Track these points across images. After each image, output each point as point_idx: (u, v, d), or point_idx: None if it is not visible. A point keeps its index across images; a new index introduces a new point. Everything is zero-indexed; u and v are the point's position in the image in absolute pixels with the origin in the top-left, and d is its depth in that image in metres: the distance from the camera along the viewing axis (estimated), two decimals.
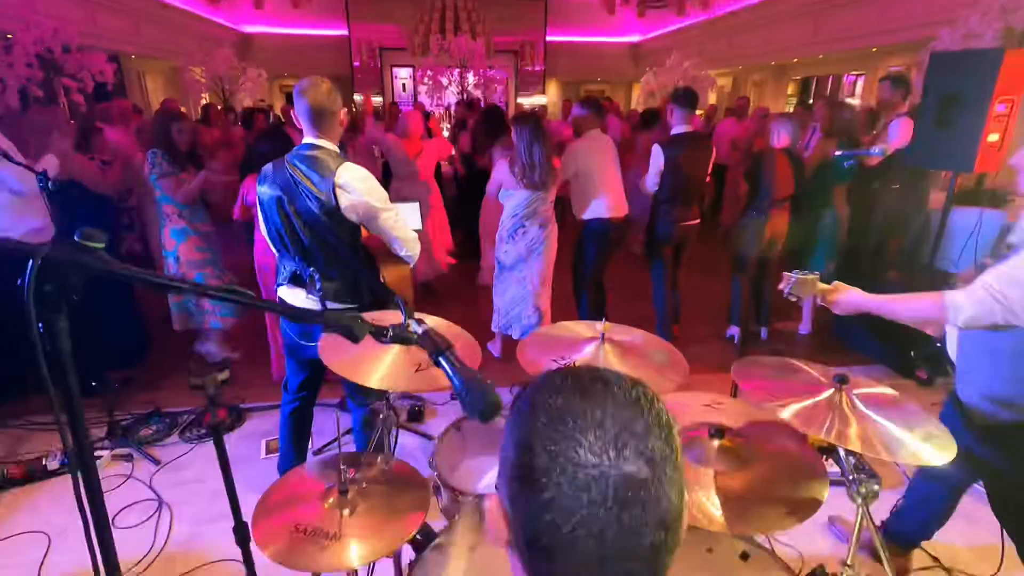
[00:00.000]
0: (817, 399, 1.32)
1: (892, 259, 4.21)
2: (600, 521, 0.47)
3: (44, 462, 2.65)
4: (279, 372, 3.33)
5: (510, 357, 3.80)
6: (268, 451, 2.84)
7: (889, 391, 1.44)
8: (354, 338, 0.80)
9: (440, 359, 0.77)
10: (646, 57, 14.78)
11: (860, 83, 10.29)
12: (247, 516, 1.28)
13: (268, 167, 2.07)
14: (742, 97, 7.92)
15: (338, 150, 2.05)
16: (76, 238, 0.57)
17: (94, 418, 3.02)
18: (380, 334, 0.82)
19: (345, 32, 14.42)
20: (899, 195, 4.35)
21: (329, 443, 2.87)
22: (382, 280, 2.15)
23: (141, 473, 2.68)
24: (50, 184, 2.52)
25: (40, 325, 0.56)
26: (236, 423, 3.10)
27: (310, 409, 2.42)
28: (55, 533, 2.32)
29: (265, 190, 2.05)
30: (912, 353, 3.62)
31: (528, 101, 14.86)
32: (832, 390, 1.35)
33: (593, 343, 1.55)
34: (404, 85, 15.24)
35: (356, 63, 14.68)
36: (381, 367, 1.45)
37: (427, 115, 7.93)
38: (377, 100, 14.76)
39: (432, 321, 1.66)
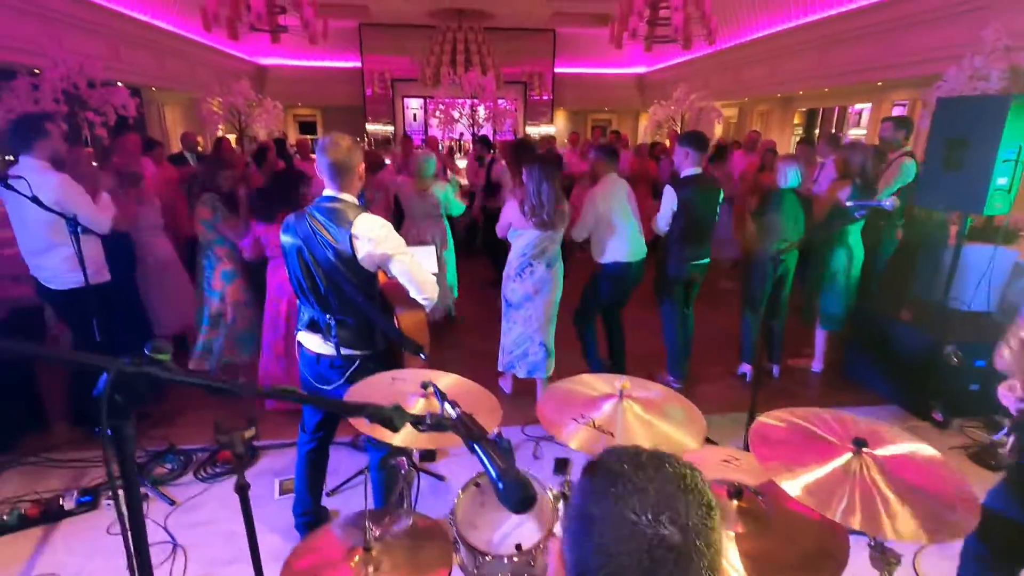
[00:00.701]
0: (833, 466, 1.32)
1: (904, 298, 4.21)
2: (634, 571, 0.58)
3: (61, 501, 2.67)
4: (264, 372, 3.44)
5: (522, 394, 3.84)
6: (282, 491, 2.85)
7: (916, 449, 1.41)
8: (394, 428, 0.83)
9: (476, 448, 0.80)
10: (652, 88, 15.03)
11: (866, 114, 10.41)
12: (265, 565, 1.29)
13: (291, 217, 2.14)
14: (753, 131, 8.02)
15: (356, 202, 2.12)
16: (146, 351, 0.61)
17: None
18: (418, 423, 0.85)
19: (358, 64, 14.79)
20: (908, 233, 4.38)
21: (343, 484, 2.88)
22: (397, 326, 2.20)
23: (156, 513, 2.69)
24: (79, 228, 2.60)
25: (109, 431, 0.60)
26: (250, 461, 3.11)
27: (326, 450, 2.44)
28: (70, 575, 2.33)
29: (287, 239, 2.12)
30: (927, 392, 3.59)
31: (537, 131, 15.09)
32: (850, 455, 1.35)
33: (612, 400, 1.57)
34: (415, 115, 15.53)
35: (368, 92, 15.02)
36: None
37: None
38: (388, 129, 15.07)
39: (449, 380, 1.70)
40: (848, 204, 3.40)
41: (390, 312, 2.20)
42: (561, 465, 2.93)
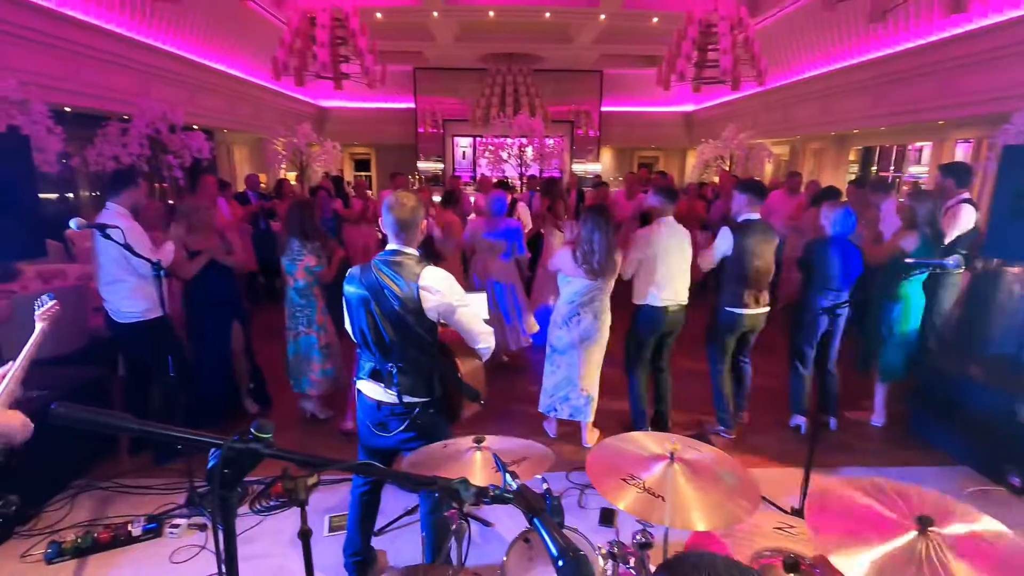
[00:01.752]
0: (896, 545, 1.27)
1: (972, 351, 3.99)
2: None
3: (129, 528, 2.83)
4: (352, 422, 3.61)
5: (566, 437, 3.83)
6: (331, 528, 2.92)
7: (991, 527, 1.34)
8: (461, 501, 0.88)
9: (536, 522, 0.84)
10: (700, 125, 15.03)
11: (927, 152, 10.05)
12: None
13: (356, 269, 2.26)
14: (795, 173, 7.86)
15: (418, 254, 2.23)
16: (252, 429, 0.70)
17: (175, 483, 3.23)
18: (483, 495, 0.90)
19: (412, 104, 15.49)
20: (974, 283, 4.18)
21: (390, 524, 2.93)
22: (458, 374, 2.27)
23: (213, 543, 2.80)
24: (162, 272, 2.83)
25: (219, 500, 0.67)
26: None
27: (379, 493, 2.50)
28: None
29: (352, 290, 2.23)
30: (1002, 454, 3.36)
31: (583, 168, 15.28)
32: (915, 533, 1.30)
33: (663, 462, 1.58)
34: (464, 153, 16.04)
35: (420, 131, 15.67)
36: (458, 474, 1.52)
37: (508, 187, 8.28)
38: (438, 166, 15.61)
39: (497, 440, 1.74)
40: (908, 260, 3.29)
41: (450, 359, 2.27)
42: (607, 517, 2.90)
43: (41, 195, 4.57)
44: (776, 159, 12.41)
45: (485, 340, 2.22)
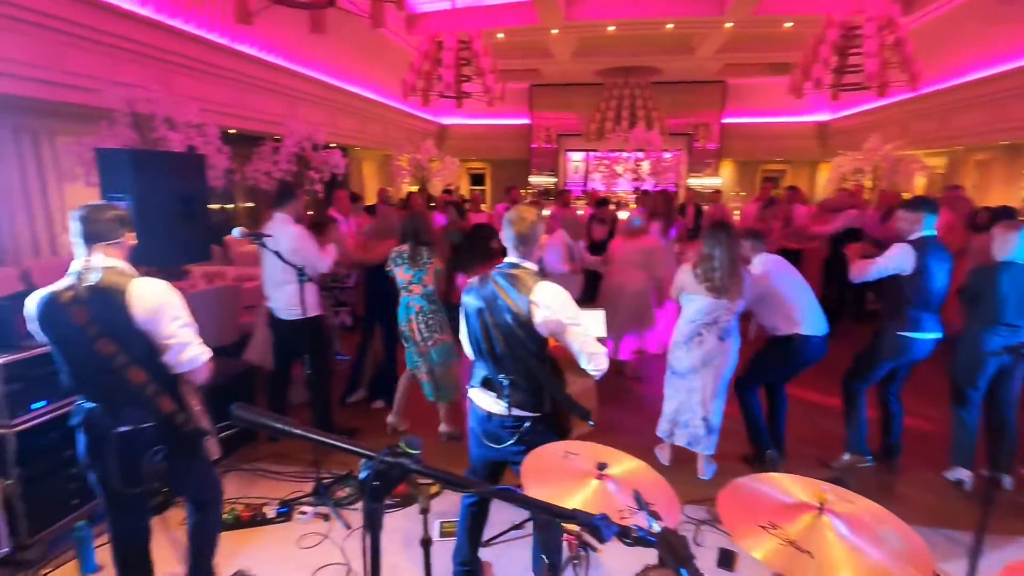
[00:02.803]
0: None
1: None
2: None
3: (265, 510, 3.10)
4: None
5: (682, 463, 3.61)
6: (442, 533, 2.99)
7: None
8: (602, 539, 0.84)
9: (683, 573, 0.77)
10: (837, 136, 13.76)
11: None
12: None
13: (475, 280, 2.31)
14: (954, 187, 6.87)
15: (535, 268, 2.23)
16: (400, 444, 0.71)
17: (306, 472, 3.49)
18: (624, 535, 0.84)
19: (527, 120, 15.83)
20: None
21: (499, 535, 2.93)
22: (568, 391, 2.23)
23: (336, 535, 2.99)
24: (305, 277, 3.10)
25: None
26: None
27: (488, 505, 2.51)
28: None
29: (470, 300, 2.28)
30: None
31: (699, 182, 14.61)
32: None
33: (809, 512, 1.41)
34: (576, 167, 16.05)
35: (534, 146, 15.94)
36: (577, 500, 1.47)
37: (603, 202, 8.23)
38: (550, 181, 15.76)
39: (624, 464, 1.65)
40: None
41: (560, 377, 2.24)
42: (727, 559, 2.68)
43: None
44: (930, 172, 10.99)
45: (596, 362, 2.14)
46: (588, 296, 5.22)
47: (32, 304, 1.92)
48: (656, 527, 0.87)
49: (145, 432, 1.94)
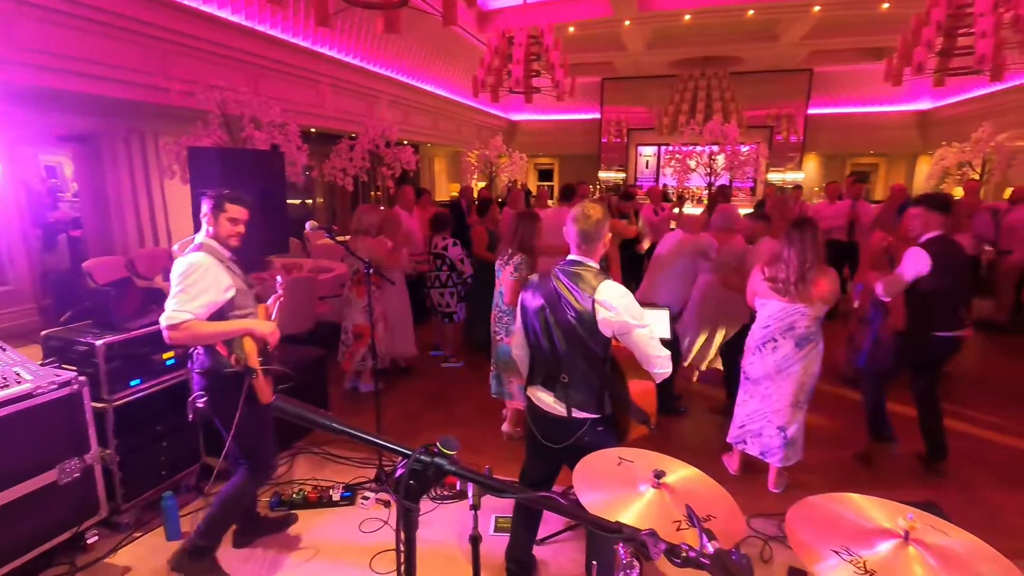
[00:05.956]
0: None
1: None
2: None
3: (331, 492, 3.23)
4: None
5: (751, 472, 3.42)
6: (497, 528, 2.99)
7: None
8: (647, 556, 0.79)
9: None
10: (939, 126, 12.57)
11: None
12: None
13: (535, 277, 2.28)
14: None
15: (598, 267, 2.16)
16: (438, 443, 0.69)
17: (370, 459, 3.60)
18: (674, 554, 0.79)
19: (597, 115, 15.57)
20: None
21: (554, 535, 2.90)
22: (628, 393, 2.16)
23: (394, 519, 3.06)
24: (370, 269, 3.21)
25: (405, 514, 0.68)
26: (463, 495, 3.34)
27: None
28: (325, 558, 2.78)
29: (529, 297, 2.25)
30: None
31: (780, 177, 13.80)
32: None
33: (893, 540, 1.27)
34: (647, 162, 15.63)
35: (604, 140, 15.66)
36: (633, 512, 1.41)
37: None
38: (619, 176, 15.42)
39: (681, 472, 1.57)
40: None
41: (621, 378, 2.17)
42: None
43: (287, 200, 5.52)
44: None
45: (661, 365, 2.07)
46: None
47: None
48: (710, 547, 0.80)
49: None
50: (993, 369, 5.47)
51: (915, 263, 3.15)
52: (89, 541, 2.68)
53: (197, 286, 2.27)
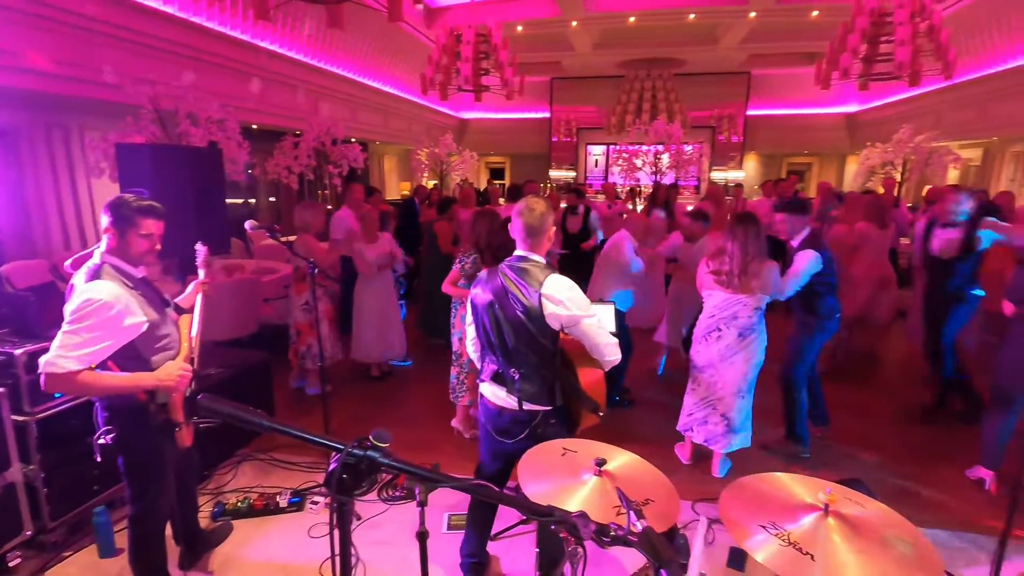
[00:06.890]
0: None
1: None
2: None
3: (278, 499, 3.14)
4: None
5: (699, 460, 3.55)
6: (450, 526, 2.99)
7: None
8: (579, 538, 0.81)
9: (663, 574, 0.74)
10: (865, 127, 13.37)
11: None
12: None
13: (483, 273, 2.29)
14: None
15: (544, 262, 2.20)
16: (371, 437, 0.70)
17: (318, 463, 3.52)
18: (603, 534, 0.82)
19: (547, 114, 15.73)
20: None
21: (506, 529, 2.92)
22: (579, 384, 2.20)
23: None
24: (314, 269, 3.14)
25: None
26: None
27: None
28: (278, 565, 2.71)
29: (479, 293, 2.26)
30: None
31: (723, 176, 14.36)
32: None
33: (814, 514, 1.36)
34: (596, 161, 15.92)
35: (554, 140, 15.84)
36: (576, 500, 1.45)
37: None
38: (569, 175, 15.63)
39: (623, 458, 1.62)
40: None
41: (571, 369, 2.21)
42: (737, 557, 2.63)
43: (228, 200, 5.31)
44: (964, 165, 10.60)
45: (611, 352, 2.13)
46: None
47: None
48: (639, 526, 0.84)
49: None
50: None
51: (810, 263, 3.31)
52: (11, 564, 2.51)
53: (92, 330, 1.87)
